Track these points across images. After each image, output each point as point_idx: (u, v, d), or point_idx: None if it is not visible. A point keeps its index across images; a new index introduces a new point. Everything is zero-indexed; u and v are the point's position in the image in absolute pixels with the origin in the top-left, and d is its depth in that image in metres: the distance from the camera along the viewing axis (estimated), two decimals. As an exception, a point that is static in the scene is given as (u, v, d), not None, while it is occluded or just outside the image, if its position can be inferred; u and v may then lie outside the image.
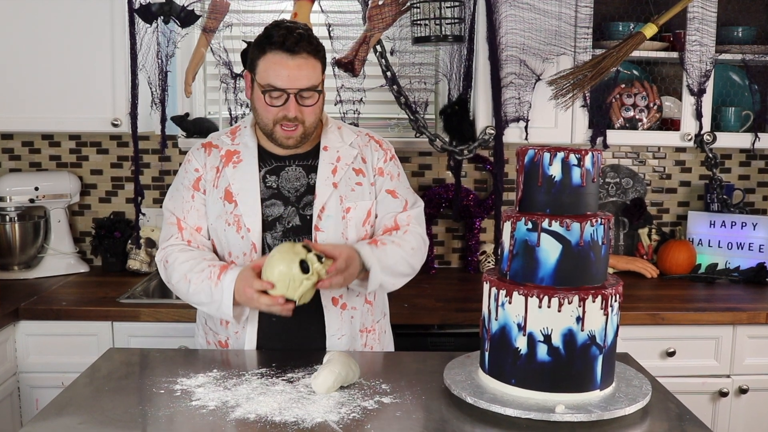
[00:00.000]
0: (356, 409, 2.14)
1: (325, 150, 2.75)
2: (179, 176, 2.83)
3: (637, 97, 3.83)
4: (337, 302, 2.72)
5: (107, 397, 2.23)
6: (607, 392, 2.17)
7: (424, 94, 3.77)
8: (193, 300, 2.67)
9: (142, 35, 3.50)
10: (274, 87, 2.56)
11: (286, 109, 2.58)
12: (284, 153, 2.74)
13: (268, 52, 2.56)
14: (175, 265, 2.67)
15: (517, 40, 3.64)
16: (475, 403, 2.13)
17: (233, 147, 2.76)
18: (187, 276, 2.63)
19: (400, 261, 2.68)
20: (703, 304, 3.61)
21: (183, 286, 2.65)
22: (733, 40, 3.83)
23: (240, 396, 2.22)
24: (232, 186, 2.70)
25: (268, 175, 2.72)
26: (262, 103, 2.60)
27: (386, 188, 2.80)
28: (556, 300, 2.07)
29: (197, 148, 2.81)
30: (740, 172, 4.42)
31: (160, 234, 2.82)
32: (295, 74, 2.55)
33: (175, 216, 2.77)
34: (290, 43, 2.53)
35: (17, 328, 3.43)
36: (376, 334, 2.87)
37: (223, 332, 2.77)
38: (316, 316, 2.71)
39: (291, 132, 2.62)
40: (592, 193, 2.18)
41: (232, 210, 2.69)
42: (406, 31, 3.62)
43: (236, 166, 2.72)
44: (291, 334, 2.71)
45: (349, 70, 3.56)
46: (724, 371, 3.51)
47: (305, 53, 2.56)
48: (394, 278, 2.71)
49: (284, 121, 2.59)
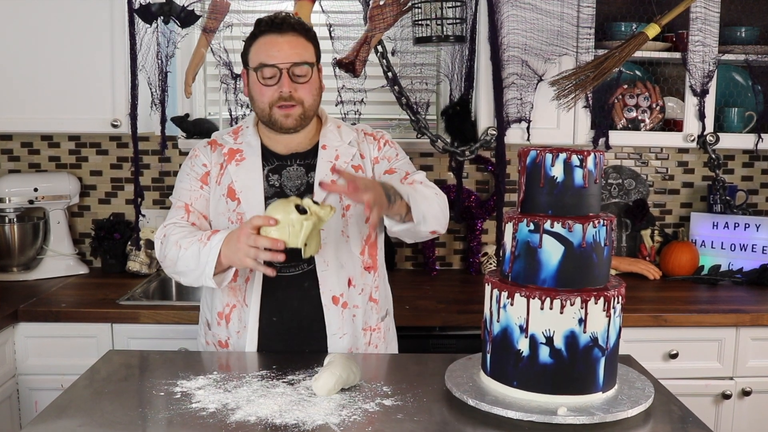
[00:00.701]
0: (357, 411, 2.13)
1: (323, 149, 2.75)
2: (185, 168, 2.80)
3: (639, 98, 3.82)
4: (338, 301, 2.70)
5: (107, 400, 2.22)
6: (609, 394, 2.16)
7: (426, 94, 3.77)
8: (180, 268, 2.60)
9: (142, 35, 3.51)
10: (265, 64, 2.59)
11: (281, 86, 2.60)
12: (286, 151, 2.74)
13: (258, 37, 2.63)
14: (172, 237, 2.62)
15: (519, 40, 3.64)
16: (476, 405, 2.12)
17: (236, 146, 2.76)
18: (179, 242, 2.58)
19: (433, 198, 2.61)
20: (706, 305, 3.59)
21: (173, 252, 2.59)
22: (736, 41, 3.82)
23: (240, 398, 2.21)
24: (235, 183, 2.70)
25: (270, 174, 2.72)
26: (257, 87, 2.64)
27: (384, 170, 2.81)
28: (558, 302, 2.06)
29: (204, 145, 2.82)
30: (743, 173, 4.41)
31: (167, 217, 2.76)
32: (286, 49, 2.60)
33: (183, 201, 2.75)
34: (278, 23, 2.61)
35: (16, 330, 3.42)
36: (381, 333, 2.85)
37: (224, 332, 2.76)
38: (317, 316, 2.70)
39: (288, 110, 2.63)
40: (594, 195, 2.17)
41: (235, 208, 2.69)
42: (407, 31, 3.61)
43: (239, 164, 2.72)
44: (292, 333, 2.71)
45: (350, 70, 3.55)
46: (727, 373, 3.49)
47: (293, 31, 2.62)
48: (432, 214, 2.57)
49: (280, 101, 2.61)
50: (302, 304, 2.70)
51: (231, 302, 2.73)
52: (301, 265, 2.69)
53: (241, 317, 2.72)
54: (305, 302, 2.69)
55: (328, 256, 2.69)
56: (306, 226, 2.34)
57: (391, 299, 2.99)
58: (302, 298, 2.70)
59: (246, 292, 2.71)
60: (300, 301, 2.70)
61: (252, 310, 2.69)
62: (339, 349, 2.70)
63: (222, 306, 2.75)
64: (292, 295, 2.70)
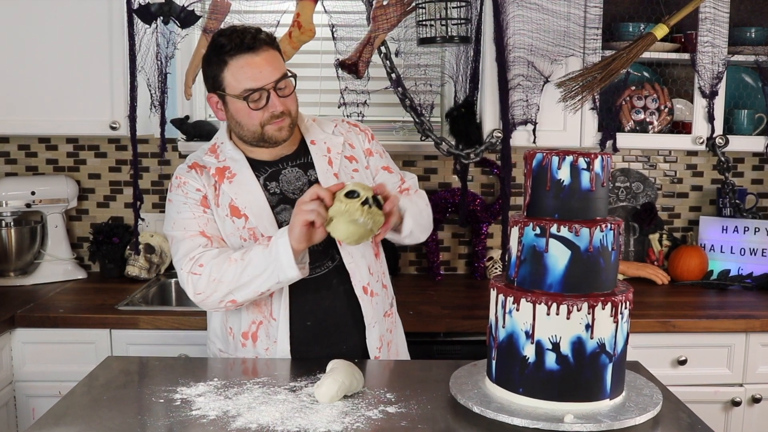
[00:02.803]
0: (360, 418, 2.12)
1: (313, 144, 2.74)
2: (178, 198, 2.68)
3: (647, 100, 3.80)
4: (368, 290, 2.72)
5: (105, 407, 2.21)
6: (617, 401, 2.15)
7: (430, 96, 3.75)
8: (245, 279, 2.49)
9: (141, 36, 3.48)
10: (252, 89, 2.52)
11: (272, 107, 2.55)
12: (273, 158, 2.70)
13: (230, 61, 2.53)
14: (212, 262, 2.52)
15: (525, 41, 3.63)
16: (481, 412, 2.11)
17: (221, 164, 2.68)
18: (232, 257, 2.51)
19: (423, 210, 2.77)
20: (715, 311, 3.59)
21: (229, 269, 2.49)
22: (746, 41, 3.80)
23: (241, 405, 2.20)
24: (236, 201, 2.63)
25: (268, 182, 2.68)
26: (245, 112, 2.56)
27: (381, 165, 2.86)
28: (564, 307, 2.05)
29: (186, 171, 2.69)
30: (753, 176, 4.40)
31: (176, 255, 2.63)
32: (266, 68, 2.53)
33: (194, 230, 2.62)
34: (248, 42, 2.51)
35: (13, 336, 3.41)
36: (393, 318, 2.90)
37: (251, 353, 2.69)
38: (351, 310, 2.71)
39: (280, 123, 2.58)
40: (601, 198, 2.16)
41: (244, 225, 2.63)
42: (411, 32, 3.60)
43: (232, 181, 2.65)
44: (328, 333, 2.70)
45: (352, 71, 3.54)
46: (736, 380, 3.48)
47: (264, 45, 2.55)
48: (419, 228, 2.72)
49: (272, 119, 2.56)
50: (334, 301, 2.70)
51: (257, 318, 2.67)
52: (326, 263, 2.69)
53: (269, 333, 2.67)
54: (337, 299, 2.70)
55: (351, 247, 2.67)
56: (364, 217, 2.36)
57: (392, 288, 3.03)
58: (333, 296, 2.70)
59: (272, 305, 2.66)
60: (332, 300, 2.69)
61: (281, 323, 2.65)
62: (374, 339, 2.73)
63: (248, 324, 2.68)
64: (323, 295, 2.69)
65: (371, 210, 2.35)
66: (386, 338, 2.80)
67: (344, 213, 2.34)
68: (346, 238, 2.40)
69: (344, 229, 2.37)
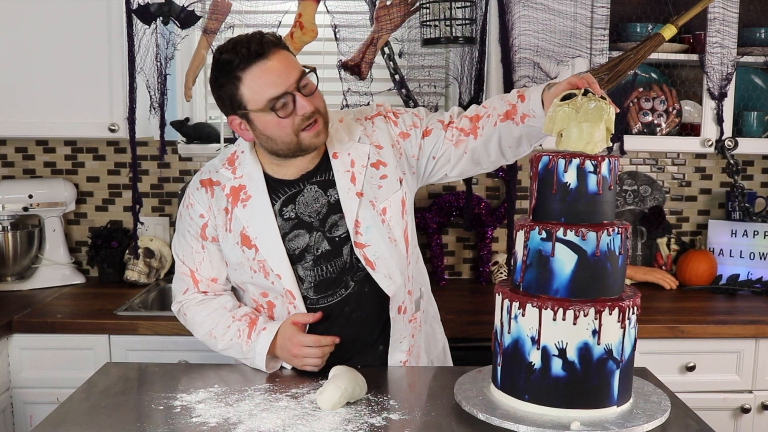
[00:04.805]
0: (363, 426, 2.11)
1: (335, 158, 2.56)
2: (183, 220, 2.64)
3: (655, 101, 3.80)
4: (401, 309, 2.60)
5: (104, 414, 2.21)
6: (624, 408, 2.14)
7: (434, 97, 3.75)
8: (222, 353, 2.65)
9: (141, 37, 3.46)
10: (276, 96, 2.36)
11: (301, 109, 2.37)
12: (296, 175, 2.55)
13: (243, 75, 2.35)
14: (196, 320, 2.63)
15: (531, 41, 3.62)
16: (486, 419, 2.09)
17: (236, 182, 2.56)
18: (212, 333, 2.60)
19: None
20: (724, 316, 3.57)
21: (210, 342, 2.64)
22: (756, 42, 3.79)
23: (242, 412, 2.20)
24: (248, 230, 2.52)
25: (284, 208, 2.55)
26: (275, 124, 2.39)
27: (424, 129, 2.65)
28: (571, 312, 2.04)
29: (197, 188, 2.61)
30: (763, 179, 4.38)
31: (173, 283, 2.75)
32: (283, 70, 2.36)
33: (187, 267, 2.65)
34: (255, 49, 2.34)
35: (10, 342, 3.40)
36: (418, 323, 2.72)
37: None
38: (379, 324, 2.63)
39: (315, 128, 2.42)
40: (608, 201, 2.15)
41: (254, 256, 2.54)
42: (415, 32, 3.59)
43: (246, 205, 2.53)
44: (356, 350, 2.62)
45: (355, 73, 3.52)
46: (746, 386, 3.46)
47: (273, 48, 2.37)
48: None
49: (304, 122, 2.40)
50: (361, 322, 2.61)
51: None
52: (339, 291, 2.58)
53: None
54: (348, 327, 2.59)
55: (386, 268, 2.56)
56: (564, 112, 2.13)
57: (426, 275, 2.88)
58: (360, 318, 2.60)
59: None
60: (340, 328, 2.57)
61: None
62: (401, 353, 2.64)
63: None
64: (331, 323, 2.58)
65: (594, 96, 2.14)
66: (414, 350, 2.69)
67: (576, 112, 2.12)
68: (588, 142, 2.10)
69: (582, 131, 2.11)
